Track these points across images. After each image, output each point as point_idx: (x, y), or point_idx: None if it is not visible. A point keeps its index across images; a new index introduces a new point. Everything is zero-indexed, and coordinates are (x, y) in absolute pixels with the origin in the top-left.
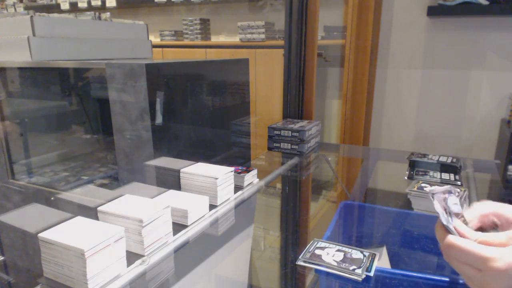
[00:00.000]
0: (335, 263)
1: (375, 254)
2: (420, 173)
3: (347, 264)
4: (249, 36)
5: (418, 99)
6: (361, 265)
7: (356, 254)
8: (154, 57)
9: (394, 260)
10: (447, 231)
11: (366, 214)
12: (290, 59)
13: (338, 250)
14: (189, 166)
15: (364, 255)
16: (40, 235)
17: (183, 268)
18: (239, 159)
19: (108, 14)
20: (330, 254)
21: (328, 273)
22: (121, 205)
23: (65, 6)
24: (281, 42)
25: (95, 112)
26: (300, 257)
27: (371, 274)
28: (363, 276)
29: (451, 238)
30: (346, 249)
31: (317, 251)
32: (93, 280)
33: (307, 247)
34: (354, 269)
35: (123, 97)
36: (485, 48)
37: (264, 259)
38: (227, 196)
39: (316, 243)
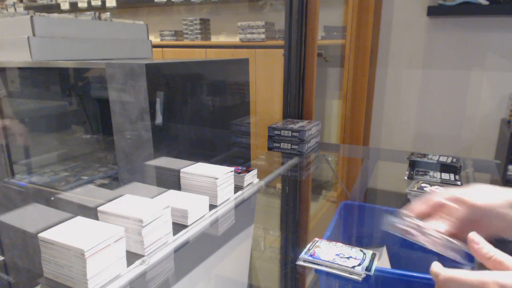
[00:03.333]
0: (335, 263)
1: (375, 254)
2: (420, 173)
3: (347, 264)
4: (249, 36)
5: (418, 99)
6: (361, 265)
7: (356, 253)
8: (154, 57)
9: (394, 260)
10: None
11: (366, 214)
12: (290, 59)
13: (338, 250)
14: (189, 166)
15: (365, 254)
16: (40, 235)
17: (183, 268)
18: (239, 159)
19: (108, 14)
20: (330, 253)
21: (328, 273)
22: (121, 205)
23: (65, 6)
24: (281, 42)
25: (95, 112)
26: (300, 256)
27: (371, 273)
28: (363, 276)
29: (449, 272)
30: (346, 249)
31: (317, 251)
32: (93, 280)
33: (307, 246)
34: (354, 269)
35: (123, 97)
36: (485, 48)
37: (264, 259)
38: (227, 196)
39: (316, 242)
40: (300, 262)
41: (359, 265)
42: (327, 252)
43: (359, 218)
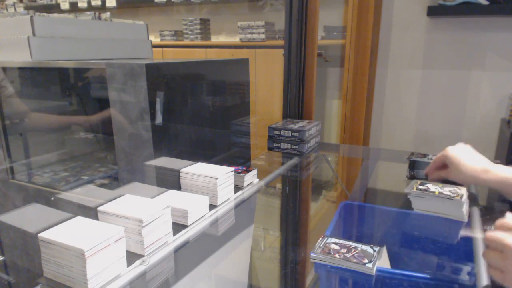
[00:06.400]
0: (346, 258)
1: (380, 249)
2: (420, 173)
3: (357, 259)
4: (249, 36)
5: (418, 99)
6: (371, 260)
7: (364, 249)
8: (154, 57)
9: (394, 260)
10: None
11: (366, 214)
12: (290, 59)
13: (348, 246)
14: (189, 166)
15: (374, 250)
16: (40, 235)
17: (183, 268)
18: (239, 159)
19: (108, 14)
20: (340, 249)
21: (339, 268)
22: (121, 205)
23: (65, 6)
24: (281, 42)
25: (95, 112)
26: (311, 254)
27: (373, 273)
28: (374, 270)
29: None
30: (355, 244)
31: (327, 247)
32: (93, 280)
33: (318, 243)
34: (365, 263)
35: (123, 97)
36: (485, 48)
37: (264, 259)
38: (227, 196)
39: (326, 239)
40: (314, 260)
41: (369, 259)
42: (336, 248)
43: (359, 218)
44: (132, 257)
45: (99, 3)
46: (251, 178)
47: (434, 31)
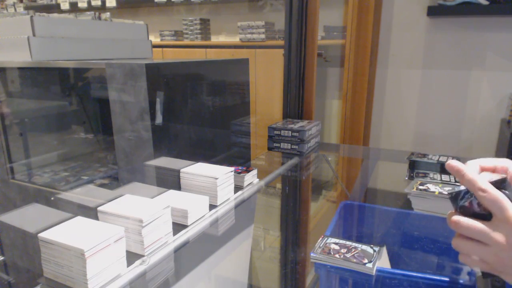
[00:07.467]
0: (346, 258)
1: (380, 249)
2: (420, 174)
3: (357, 259)
4: (249, 36)
5: (418, 99)
6: (371, 260)
7: (364, 249)
8: (154, 57)
9: (394, 260)
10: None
11: (366, 214)
12: (290, 59)
13: (348, 246)
14: (189, 166)
15: (374, 250)
16: (40, 235)
17: (183, 268)
18: (239, 159)
19: (108, 14)
20: (340, 249)
21: (339, 268)
22: (121, 205)
23: (65, 6)
24: (281, 42)
25: (95, 112)
26: (312, 254)
27: (373, 273)
28: (374, 270)
29: (455, 217)
30: (355, 244)
31: (327, 247)
32: (93, 280)
33: (318, 243)
34: (365, 263)
35: (123, 97)
36: (485, 48)
37: (264, 259)
38: (227, 196)
39: (326, 239)
40: (314, 260)
41: (369, 259)
42: (337, 248)
43: (359, 218)
44: (132, 257)
45: (99, 3)
46: (251, 178)
47: (434, 31)
